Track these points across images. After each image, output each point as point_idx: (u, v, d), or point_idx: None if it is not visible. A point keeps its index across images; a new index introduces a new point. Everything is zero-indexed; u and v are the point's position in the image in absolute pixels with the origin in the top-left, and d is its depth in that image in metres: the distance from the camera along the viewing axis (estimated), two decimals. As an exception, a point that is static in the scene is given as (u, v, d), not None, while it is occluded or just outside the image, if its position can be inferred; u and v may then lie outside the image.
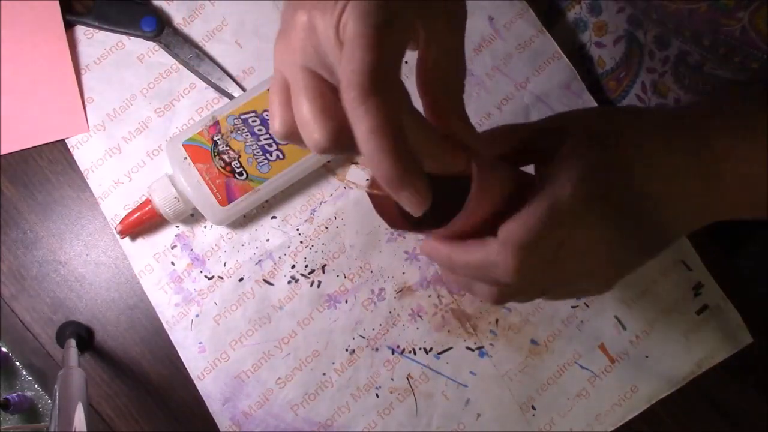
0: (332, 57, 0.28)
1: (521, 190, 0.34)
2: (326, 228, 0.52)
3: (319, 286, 0.52)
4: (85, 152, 0.52)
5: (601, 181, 0.33)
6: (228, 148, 0.48)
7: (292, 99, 0.29)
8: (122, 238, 0.51)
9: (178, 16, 0.54)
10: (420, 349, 0.51)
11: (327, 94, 0.29)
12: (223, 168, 0.48)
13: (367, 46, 0.26)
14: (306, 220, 0.52)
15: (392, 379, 0.51)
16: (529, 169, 0.39)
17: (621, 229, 0.34)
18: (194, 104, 0.53)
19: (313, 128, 0.28)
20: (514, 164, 0.37)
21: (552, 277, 0.34)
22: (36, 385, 0.51)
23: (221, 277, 0.51)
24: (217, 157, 0.48)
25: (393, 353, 0.51)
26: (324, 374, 0.51)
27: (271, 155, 0.48)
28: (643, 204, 0.34)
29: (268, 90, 0.49)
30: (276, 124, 0.30)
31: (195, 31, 0.54)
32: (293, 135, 0.30)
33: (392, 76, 0.27)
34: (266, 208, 0.52)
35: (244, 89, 0.52)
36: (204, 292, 0.51)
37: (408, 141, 0.26)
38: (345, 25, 0.27)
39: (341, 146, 0.28)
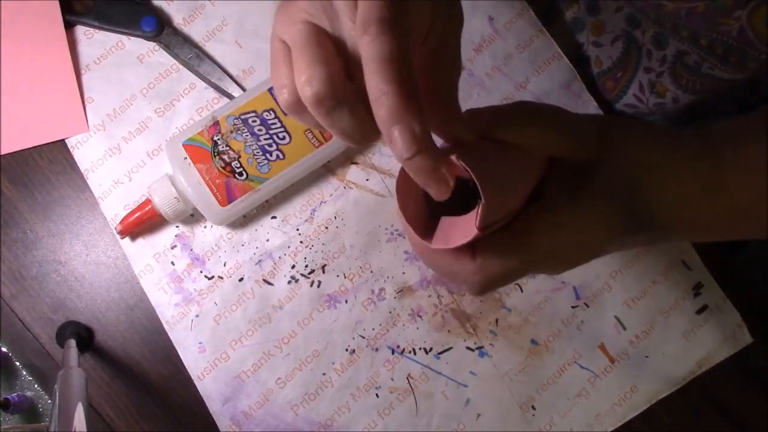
0: (343, 9, 0.28)
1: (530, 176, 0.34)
2: (326, 228, 0.52)
3: (319, 286, 0.52)
4: (85, 152, 0.52)
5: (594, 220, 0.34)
6: (228, 148, 0.48)
7: (293, 54, 0.29)
8: (122, 238, 0.51)
9: (178, 16, 0.54)
10: (420, 349, 0.51)
11: (327, 44, 0.28)
12: (223, 168, 0.48)
13: None
14: (306, 220, 0.52)
15: (392, 379, 0.51)
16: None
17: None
18: (194, 104, 0.53)
19: (312, 74, 0.28)
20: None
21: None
22: (36, 385, 0.51)
23: (221, 277, 0.51)
24: (217, 157, 0.48)
25: (393, 353, 0.51)
26: (324, 374, 0.51)
27: (271, 155, 0.48)
28: (643, 216, 0.34)
29: (268, 90, 0.49)
30: (285, 93, 0.30)
31: (195, 31, 0.54)
32: (301, 103, 0.29)
33: (407, 21, 0.27)
34: (266, 208, 0.52)
35: (244, 89, 0.53)
36: (204, 292, 0.51)
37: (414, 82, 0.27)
38: None
39: (338, 96, 0.28)
